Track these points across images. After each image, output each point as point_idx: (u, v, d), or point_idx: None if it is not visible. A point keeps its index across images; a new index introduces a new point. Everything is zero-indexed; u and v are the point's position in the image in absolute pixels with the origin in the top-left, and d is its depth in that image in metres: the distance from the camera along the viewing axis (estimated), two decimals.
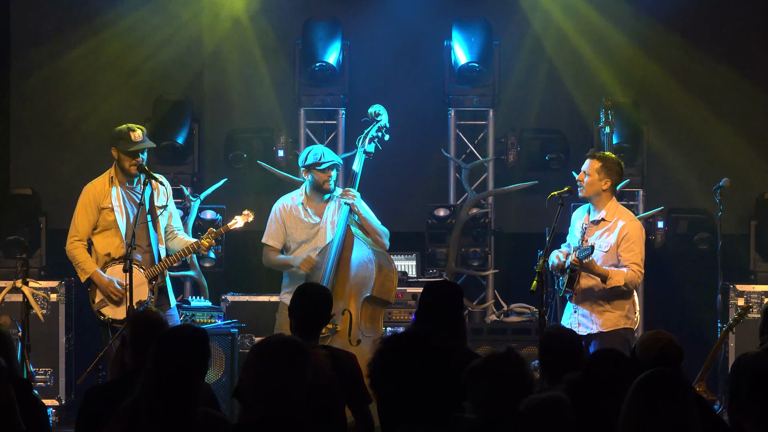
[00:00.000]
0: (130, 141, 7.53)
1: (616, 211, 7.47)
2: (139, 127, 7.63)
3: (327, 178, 7.64)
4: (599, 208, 7.48)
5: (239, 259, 9.62)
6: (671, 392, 3.79)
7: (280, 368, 3.87)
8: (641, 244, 7.43)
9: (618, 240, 7.36)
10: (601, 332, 7.37)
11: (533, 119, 10.24)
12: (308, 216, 7.71)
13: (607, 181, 7.43)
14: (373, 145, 7.72)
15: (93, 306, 7.53)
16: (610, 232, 7.42)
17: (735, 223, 9.66)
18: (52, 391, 9.13)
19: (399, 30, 10.31)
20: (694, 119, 10.32)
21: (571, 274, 7.38)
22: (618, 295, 7.37)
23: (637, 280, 7.38)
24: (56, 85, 10.36)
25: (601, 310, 7.40)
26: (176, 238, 7.76)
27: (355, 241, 7.54)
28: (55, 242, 9.22)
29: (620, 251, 7.36)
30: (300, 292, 5.53)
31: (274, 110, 10.23)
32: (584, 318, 7.44)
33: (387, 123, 7.77)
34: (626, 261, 7.33)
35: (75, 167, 9.85)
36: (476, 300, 9.83)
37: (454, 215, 9.63)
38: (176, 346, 4.14)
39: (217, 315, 8.68)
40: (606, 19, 10.26)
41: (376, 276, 7.43)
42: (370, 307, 7.51)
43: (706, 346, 7.99)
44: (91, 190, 7.65)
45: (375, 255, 7.48)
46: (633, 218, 7.59)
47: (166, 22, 10.24)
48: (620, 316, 7.39)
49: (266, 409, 3.85)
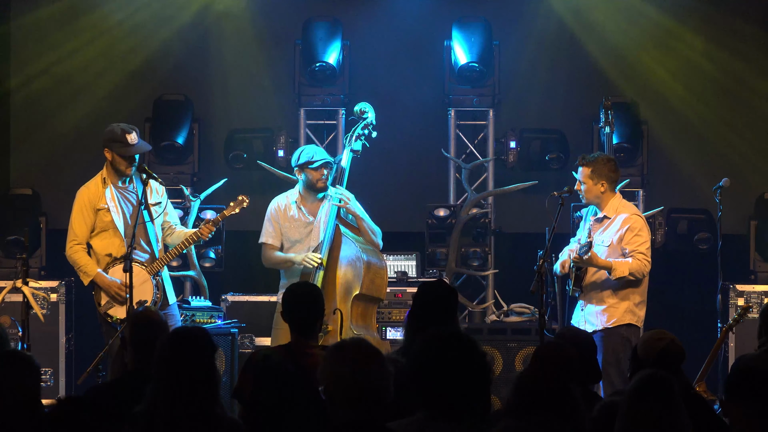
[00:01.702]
0: (127, 144, 7.51)
1: (618, 207, 7.51)
2: (133, 128, 7.60)
3: (320, 176, 7.66)
4: (602, 208, 7.52)
5: (239, 259, 9.62)
6: (662, 396, 3.80)
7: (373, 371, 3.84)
8: (645, 235, 7.45)
9: (620, 233, 7.39)
10: (605, 328, 7.39)
11: (533, 119, 10.23)
12: (302, 215, 7.73)
13: (602, 182, 7.47)
14: (359, 143, 7.73)
15: (100, 309, 7.51)
16: (612, 226, 7.46)
17: (735, 223, 9.65)
18: (52, 391, 9.11)
19: (399, 30, 10.30)
20: (694, 119, 10.32)
21: (576, 272, 7.42)
22: (624, 291, 7.40)
23: (644, 269, 7.37)
24: (56, 85, 10.35)
25: (606, 306, 7.43)
26: (175, 232, 7.77)
27: (343, 240, 7.57)
28: (55, 242, 9.22)
29: (624, 243, 7.38)
30: (290, 294, 5.54)
31: (274, 110, 10.23)
32: (590, 316, 7.47)
33: (374, 120, 7.78)
34: (630, 251, 7.35)
35: (75, 167, 9.83)
36: (476, 300, 9.83)
37: (454, 215, 9.63)
38: (188, 346, 4.13)
39: (217, 315, 8.68)
40: (606, 19, 10.26)
41: (364, 274, 7.46)
42: (361, 305, 7.55)
43: (706, 346, 7.98)
44: (85, 193, 7.62)
45: (363, 253, 7.51)
46: (636, 211, 7.62)
47: (166, 22, 10.24)
48: (625, 312, 7.41)
49: (357, 413, 3.81)
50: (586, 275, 7.43)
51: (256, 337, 8.86)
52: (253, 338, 8.89)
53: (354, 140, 7.73)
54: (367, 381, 3.81)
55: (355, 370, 3.81)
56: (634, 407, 3.82)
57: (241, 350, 8.58)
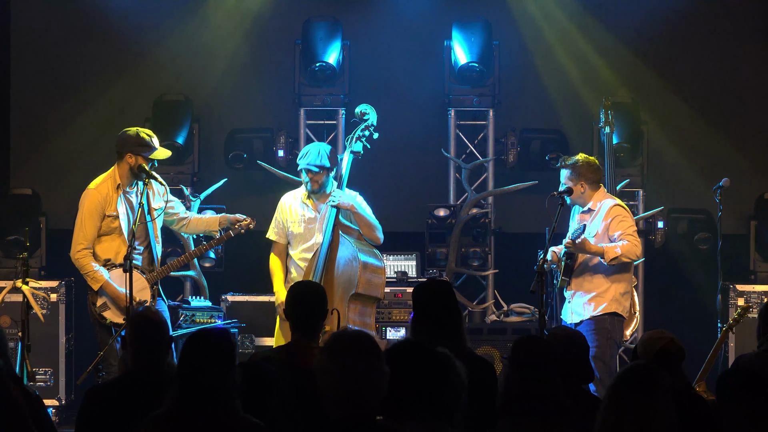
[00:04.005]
0: (152, 148, 7.53)
1: (601, 198, 7.62)
2: (153, 134, 7.64)
3: (308, 179, 7.72)
4: (586, 204, 7.64)
5: (239, 259, 9.62)
6: (645, 386, 3.81)
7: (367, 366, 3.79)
8: (630, 219, 7.58)
9: (606, 222, 7.49)
10: (592, 317, 7.46)
11: (533, 119, 10.24)
12: (306, 211, 7.78)
13: (581, 182, 7.58)
14: (360, 144, 7.75)
15: (94, 309, 7.49)
16: (597, 216, 7.57)
17: (735, 223, 9.65)
18: (52, 391, 9.12)
19: (399, 30, 10.31)
20: (694, 119, 10.32)
21: (567, 261, 7.50)
22: (610, 280, 7.50)
23: (636, 250, 7.46)
24: (56, 85, 10.36)
25: (593, 296, 7.52)
26: (191, 222, 7.85)
27: (341, 241, 7.60)
28: (55, 242, 9.23)
29: (611, 231, 7.48)
30: (293, 293, 5.53)
31: (274, 110, 10.24)
32: (577, 306, 7.58)
33: (374, 122, 7.79)
34: (619, 236, 7.44)
35: (75, 167, 9.85)
36: (476, 300, 9.83)
37: (454, 215, 9.63)
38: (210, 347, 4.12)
39: (217, 315, 8.67)
40: (606, 19, 10.27)
41: (360, 273, 7.48)
42: (358, 304, 7.57)
43: (706, 346, 7.98)
44: (96, 197, 7.54)
45: (359, 252, 7.53)
46: (618, 201, 7.72)
47: (166, 22, 10.25)
48: (611, 300, 7.51)
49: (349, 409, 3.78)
50: (575, 265, 7.52)
51: (256, 337, 8.86)
52: (253, 338, 8.89)
53: (354, 141, 7.75)
54: (353, 379, 3.77)
55: (343, 367, 3.79)
56: (615, 396, 3.83)
57: (241, 350, 8.58)
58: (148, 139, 7.53)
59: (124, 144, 7.55)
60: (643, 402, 3.79)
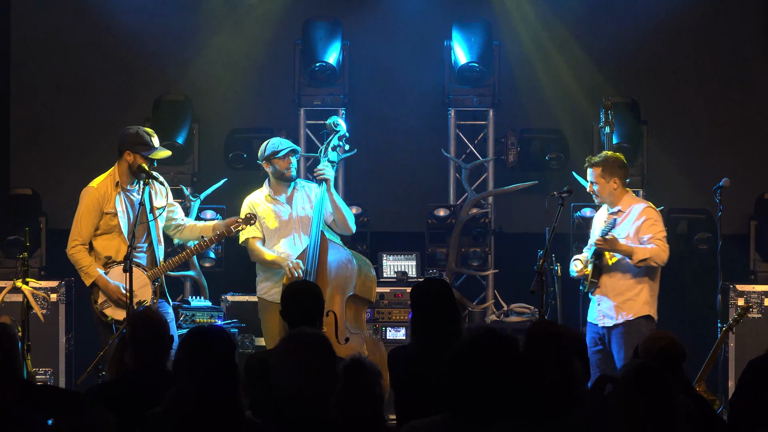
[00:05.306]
0: (151, 147, 7.53)
1: (631, 201, 7.67)
2: (154, 133, 7.65)
3: (288, 165, 7.89)
4: (616, 204, 7.64)
5: (239, 259, 9.58)
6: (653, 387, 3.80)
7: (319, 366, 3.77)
8: (662, 224, 7.61)
9: (637, 224, 7.49)
10: (626, 321, 7.46)
11: (533, 119, 10.24)
12: (277, 203, 7.88)
13: (615, 179, 7.61)
14: (335, 154, 7.94)
15: (96, 306, 7.51)
16: (627, 218, 7.57)
17: (735, 223, 9.65)
18: None
19: (399, 30, 10.31)
20: (693, 119, 10.33)
21: (595, 262, 7.49)
22: (641, 284, 7.53)
23: (664, 255, 7.49)
24: (56, 85, 10.36)
25: (625, 299, 7.50)
26: (185, 228, 7.84)
27: (329, 245, 7.73)
28: (55, 242, 9.22)
29: (641, 233, 7.49)
30: (288, 293, 5.53)
31: (274, 110, 10.24)
32: (609, 310, 7.55)
33: (345, 132, 7.98)
34: (649, 238, 7.44)
35: (75, 167, 9.85)
36: (476, 300, 9.83)
37: (454, 215, 9.63)
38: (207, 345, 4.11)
39: (217, 315, 8.68)
40: (606, 19, 10.27)
41: (356, 275, 7.61)
42: (354, 305, 7.70)
43: (706, 346, 7.98)
44: (95, 194, 7.57)
45: (353, 255, 7.73)
46: (649, 204, 7.74)
47: (166, 21, 10.25)
48: (644, 304, 7.52)
49: (303, 410, 3.76)
50: (603, 269, 7.51)
51: (256, 337, 8.85)
52: (253, 338, 8.89)
53: (330, 151, 7.87)
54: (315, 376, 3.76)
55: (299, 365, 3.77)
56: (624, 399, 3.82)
57: (241, 350, 8.58)
58: (147, 138, 7.53)
59: (123, 141, 7.57)
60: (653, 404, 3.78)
